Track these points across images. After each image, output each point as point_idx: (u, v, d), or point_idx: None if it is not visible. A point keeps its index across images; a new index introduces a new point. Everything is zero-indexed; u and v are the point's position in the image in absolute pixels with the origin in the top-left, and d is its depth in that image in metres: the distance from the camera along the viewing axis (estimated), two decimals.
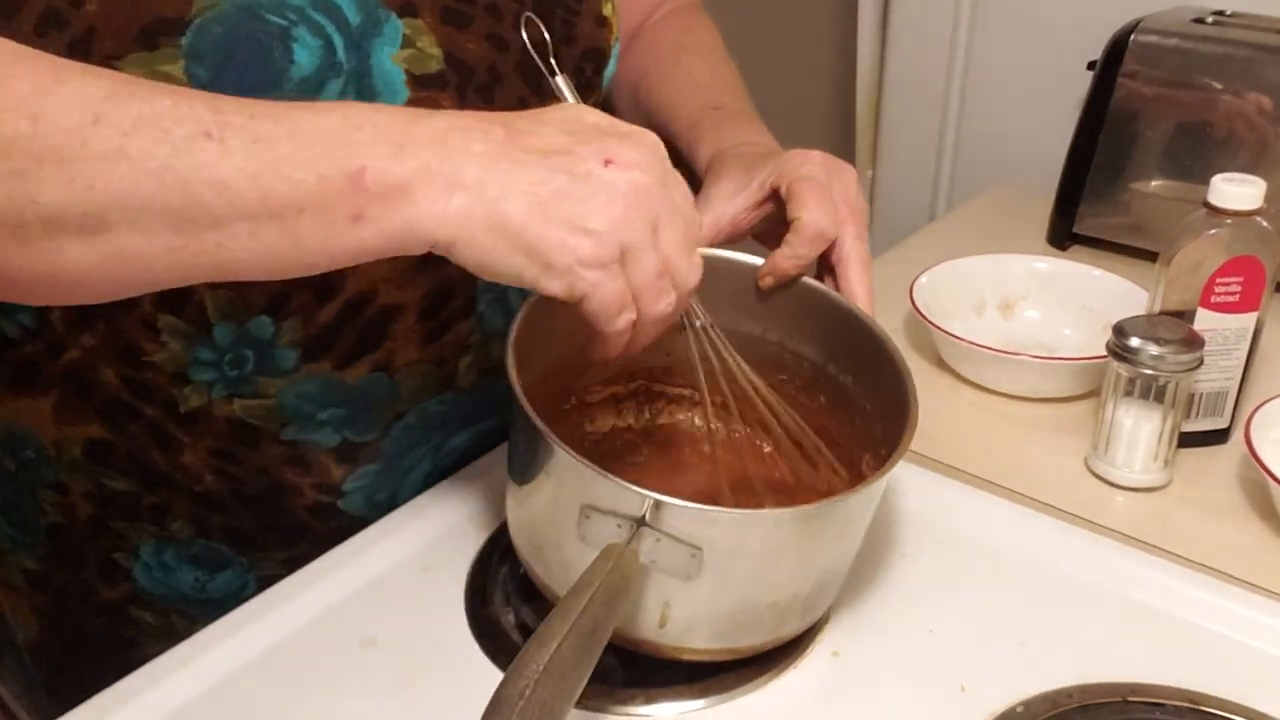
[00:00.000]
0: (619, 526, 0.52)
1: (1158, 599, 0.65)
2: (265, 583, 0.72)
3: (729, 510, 0.56)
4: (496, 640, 0.63)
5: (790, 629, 0.60)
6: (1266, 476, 0.70)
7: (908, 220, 1.43)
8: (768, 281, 0.66)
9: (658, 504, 0.52)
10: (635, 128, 0.53)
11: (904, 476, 0.75)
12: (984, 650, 0.62)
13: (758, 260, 0.67)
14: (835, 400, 0.68)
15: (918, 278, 0.93)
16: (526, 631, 0.63)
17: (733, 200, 0.69)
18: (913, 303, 0.90)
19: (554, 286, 0.50)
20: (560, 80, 0.59)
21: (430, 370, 0.69)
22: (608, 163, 0.50)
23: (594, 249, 0.49)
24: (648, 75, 0.83)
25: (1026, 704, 0.58)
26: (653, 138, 0.53)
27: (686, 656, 0.58)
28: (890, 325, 0.98)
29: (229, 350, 0.64)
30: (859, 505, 0.58)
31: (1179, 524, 0.73)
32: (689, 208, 0.54)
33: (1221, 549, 0.71)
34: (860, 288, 0.66)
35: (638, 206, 0.50)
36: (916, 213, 1.44)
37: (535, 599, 0.61)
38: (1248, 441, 0.72)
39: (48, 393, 0.67)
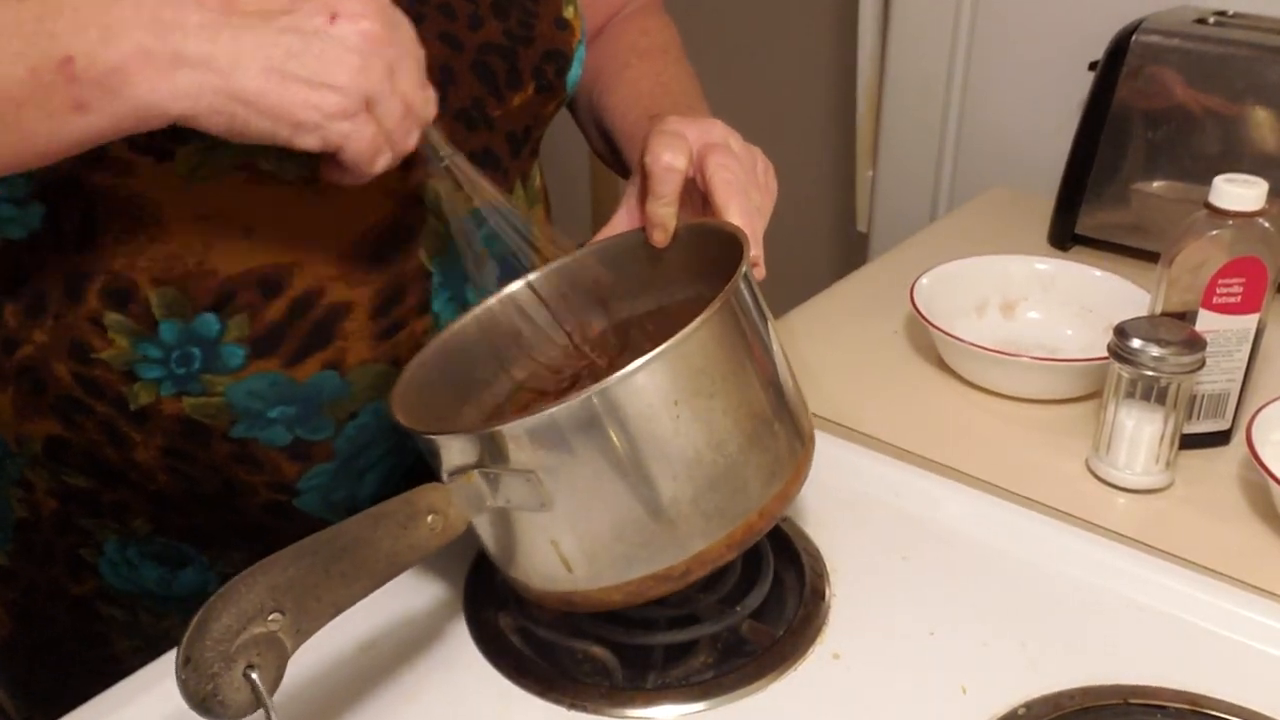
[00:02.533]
0: (451, 475, 0.54)
1: (1159, 601, 0.65)
2: (228, 579, 0.73)
3: (526, 416, 0.52)
4: (495, 642, 0.63)
5: (707, 541, 0.56)
6: (1268, 478, 0.70)
7: (908, 221, 1.43)
8: (657, 235, 0.65)
9: (473, 440, 0.53)
10: None
11: (904, 479, 0.75)
12: (985, 652, 0.62)
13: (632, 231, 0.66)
14: None
15: (918, 279, 0.93)
16: (526, 634, 0.63)
17: (630, 196, 0.68)
18: (913, 304, 0.90)
19: (308, 142, 0.51)
20: None
21: (384, 369, 0.68)
22: (334, 17, 0.50)
23: (339, 102, 0.50)
24: (599, 79, 0.83)
25: (1028, 706, 0.58)
26: None
27: (618, 599, 0.57)
28: (891, 327, 0.99)
29: (176, 348, 0.64)
30: (681, 367, 0.53)
31: (1180, 526, 0.73)
32: (415, 43, 0.55)
33: (1223, 551, 0.71)
34: (732, 202, 0.63)
35: (373, 55, 0.51)
36: (917, 214, 1.44)
37: (534, 602, 0.61)
38: (1249, 443, 0.72)
39: (4, 389, 0.67)
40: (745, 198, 0.64)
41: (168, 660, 0.61)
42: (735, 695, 0.59)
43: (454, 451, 0.55)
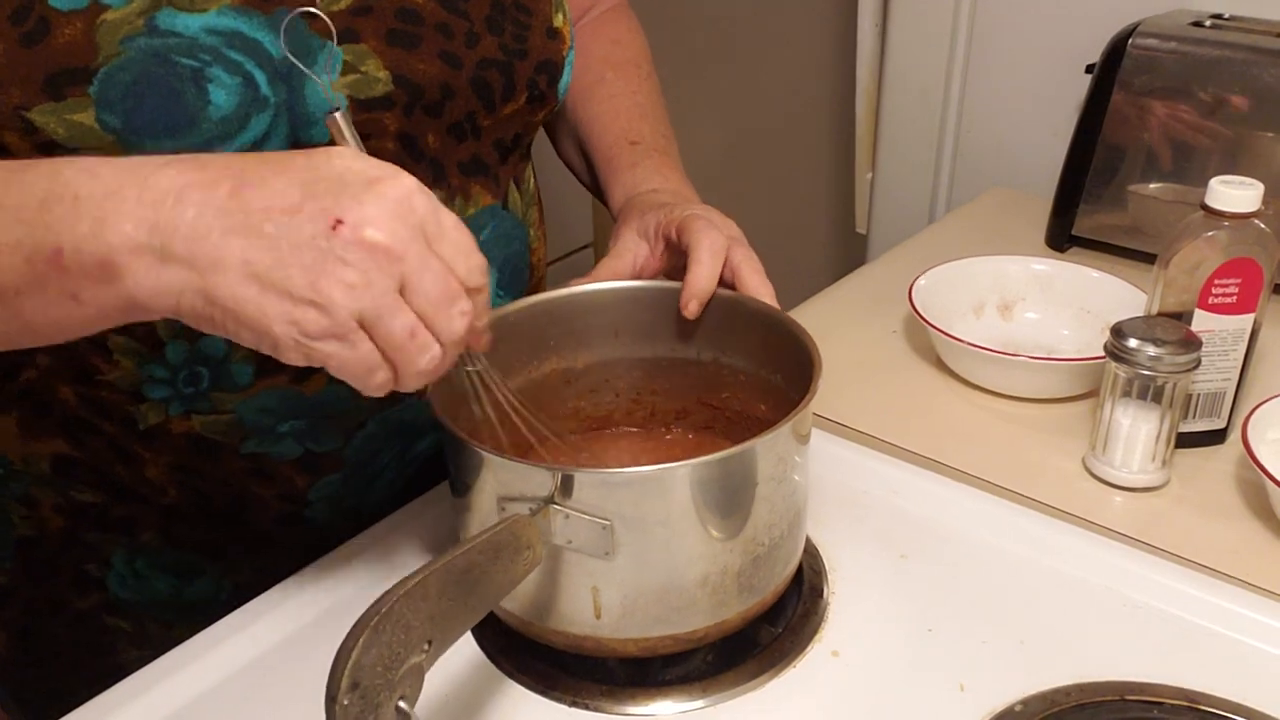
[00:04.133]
0: (530, 511, 0.53)
1: (1155, 598, 0.65)
2: (241, 589, 0.73)
3: (625, 469, 0.56)
4: (496, 640, 0.63)
5: (732, 611, 0.59)
6: (1263, 477, 0.70)
7: (907, 222, 1.43)
8: (692, 307, 0.66)
9: (561, 478, 0.53)
10: (387, 171, 0.47)
11: (903, 477, 0.76)
12: (983, 649, 0.62)
13: (676, 284, 0.68)
14: (775, 404, 0.68)
15: (917, 279, 0.94)
16: (543, 643, 0.63)
17: (637, 248, 0.70)
18: (912, 304, 0.90)
19: (290, 358, 0.47)
20: (339, 116, 0.53)
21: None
22: (337, 223, 0.45)
23: (320, 322, 0.45)
24: (573, 90, 0.83)
25: (1025, 703, 0.58)
26: (404, 185, 0.47)
27: (631, 650, 0.58)
28: (890, 327, 0.99)
29: (182, 368, 0.64)
30: (762, 458, 0.56)
31: (1176, 524, 0.74)
32: (456, 254, 0.49)
33: (1218, 548, 0.71)
34: (763, 288, 0.66)
35: (375, 270, 0.45)
36: (916, 215, 1.44)
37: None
38: (1245, 442, 0.73)
39: (9, 411, 0.67)
40: (769, 287, 0.67)
41: (168, 660, 0.62)
42: (734, 692, 0.60)
43: (530, 481, 0.54)
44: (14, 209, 0.46)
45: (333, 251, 0.45)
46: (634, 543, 0.54)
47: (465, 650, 0.62)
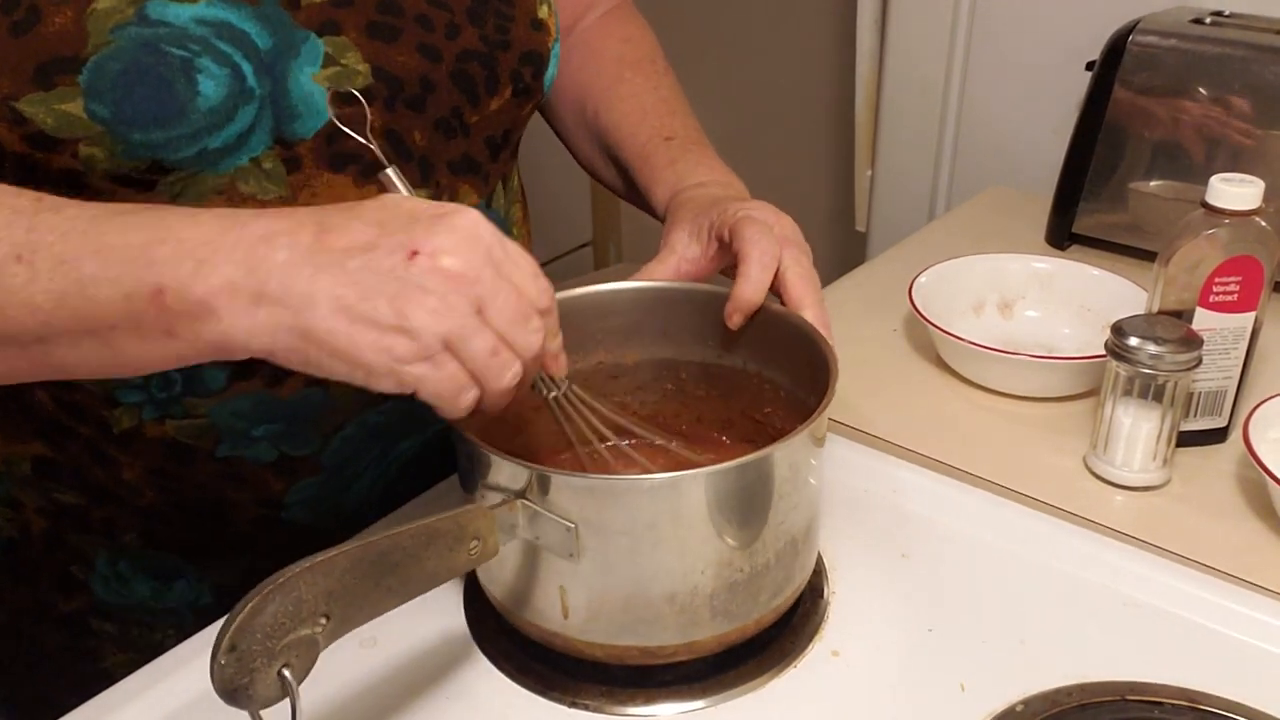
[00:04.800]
0: (501, 501, 0.54)
1: (1156, 597, 0.65)
2: (220, 591, 0.73)
3: (591, 476, 0.56)
4: (496, 640, 0.63)
5: (704, 634, 0.58)
6: (1264, 475, 0.70)
7: (907, 220, 1.43)
8: (736, 319, 0.66)
9: (534, 477, 0.53)
10: (452, 206, 0.51)
11: (902, 475, 0.75)
12: (983, 649, 0.62)
13: (726, 290, 0.68)
14: None
15: (917, 278, 0.93)
16: (521, 632, 0.63)
17: (688, 248, 0.70)
18: (912, 303, 0.90)
19: (383, 385, 0.49)
20: (391, 172, 0.56)
21: None
22: (414, 254, 0.48)
23: (410, 347, 0.48)
24: (592, 93, 0.83)
25: (1026, 703, 0.58)
26: (471, 216, 0.50)
27: (599, 655, 0.58)
28: (889, 325, 0.99)
29: (155, 374, 0.64)
30: (741, 482, 0.55)
31: (1177, 523, 0.74)
32: (524, 276, 0.52)
33: (1220, 548, 0.71)
34: (807, 298, 0.65)
35: (454, 294, 0.48)
36: (915, 213, 1.44)
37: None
38: (1246, 440, 0.73)
39: None
40: (819, 295, 0.66)
41: (156, 667, 0.62)
42: (735, 693, 0.59)
43: (504, 474, 0.55)
44: (117, 246, 0.48)
45: (412, 280, 0.48)
46: (598, 549, 0.54)
47: (465, 650, 0.62)
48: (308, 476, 0.70)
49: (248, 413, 0.66)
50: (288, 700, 0.45)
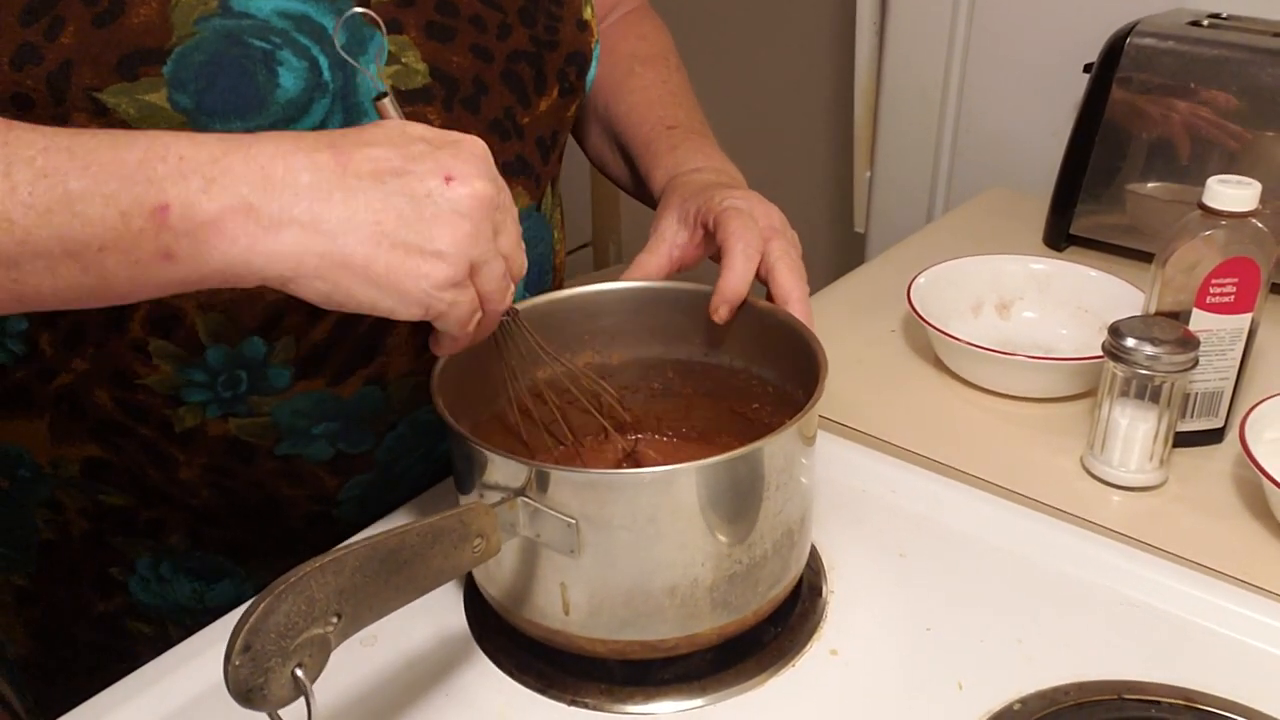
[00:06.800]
0: (501, 499, 0.54)
1: (1153, 597, 0.65)
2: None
3: (592, 471, 0.56)
4: (496, 638, 0.63)
5: (704, 626, 0.58)
6: (1260, 476, 0.70)
7: (905, 222, 1.43)
8: (722, 313, 0.66)
9: (534, 474, 0.54)
10: (458, 135, 0.51)
11: (900, 475, 0.76)
12: (981, 648, 0.62)
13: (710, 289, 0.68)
14: None
15: (915, 278, 0.94)
16: (521, 631, 0.63)
17: (677, 234, 0.70)
18: (910, 303, 0.90)
19: (411, 313, 0.49)
20: (387, 101, 0.54)
21: (422, 380, 0.69)
22: (448, 179, 0.48)
23: (446, 272, 0.48)
24: (604, 86, 0.83)
25: (1023, 702, 0.58)
26: (479, 142, 0.51)
27: (600, 650, 0.58)
28: (888, 326, 0.99)
29: (222, 372, 0.64)
30: (736, 474, 0.56)
31: (1174, 523, 0.74)
32: (511, 201, 0.53)
33: (1216, 548, 0.71)
34: (793, 290, 0.66)
35: (483, 218, 0.49)
36: (914, 214, 1.44)
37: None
38: (1242, 441, 0.73)
39: (42, 414, 0.67)
40: (805, 288, 0.66)
41: (177, 653, 0.62)
42: (733, 691, 0.60)
43: (503, 472, 0.55)
44: (108, 163, 0.45)
45: (448, 204, 0.48)
46: (600, 544, 0.55)
47: (465, 649, 0.63)
48: (361, 474, 0.71)
49: (309, 411, 0.66)
50: (302, 700, 0.45)
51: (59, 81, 0.54)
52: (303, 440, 0.67)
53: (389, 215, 0.47)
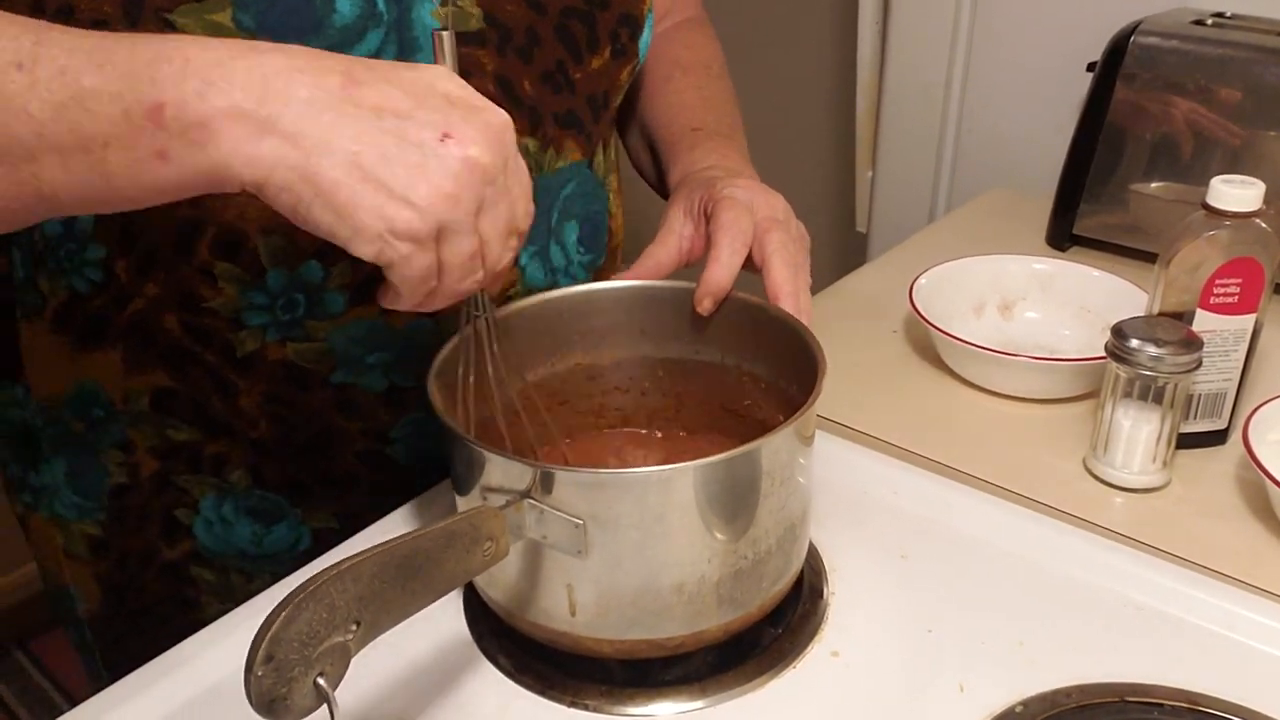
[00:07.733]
0: (504, 504, 0.53)
1: (1156, 599, 0.65)
2: (318, 535, 0.76)
3: (599, 470, 0.56)
4: (495, 639, 0.63)
5: (710, 623, 0.58)
6: (1264, 478, 0.70)
7: (907, 222, 1.43)
8: (706, 304, 0.66)
9: (539, 475, 0.53)
10: (489, 103, 0.50)
11: (903, 477, 0.75)
12: (983, 650, 0.62)
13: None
14: (791, 415, 0.68)
15: (917, 279, 0.94)
16: (523, 634, 0.63)
17: (684, 226, 0.70)
18: (912, 304, 0.90)
19: (363, 250, 0.48)
20: (445, 36, 0.54)
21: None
22: (445, 136, 0.48)
23: (410, 222, 0.47)
24: (643, 89, 0.85)
25: (1025, 704, 0.58)
26: (503, 117, 0.50)
27: (607, 651, 0.58)
28: (890, 326, 0.99)
29: (281, 295, 0.66)
30: (746, 469, 0.56)
31: (1177, 525, 0.74)
32: (521, 195, 0.52)
33: (1219, 550, 0.71)
34: (785, 284, 0.65)
35: (467, 186, 0.48)
36: (916, 214, 1.44)
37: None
38: (1246, 443, 0.73)
39: (116, 345, 0.70)
40: (799, 280, 0.66)
41: (249, 609, 0.64)
42: (734, 693, 0.59)
43: (508, 475, 0.55)
44: (121, 63, 0.46)
45: (436, 160, 0.47)
46: (607, 544, 0.54)
47: (464, 649, 0.62)
48: (413, 411, 0.73)
49: (363, 339, 0.68)
50: (325, 708, 0.45)
51: (133, 5, 0.57)
52: (356, 369, 0.70)
53: (371, 150, 0.47)
